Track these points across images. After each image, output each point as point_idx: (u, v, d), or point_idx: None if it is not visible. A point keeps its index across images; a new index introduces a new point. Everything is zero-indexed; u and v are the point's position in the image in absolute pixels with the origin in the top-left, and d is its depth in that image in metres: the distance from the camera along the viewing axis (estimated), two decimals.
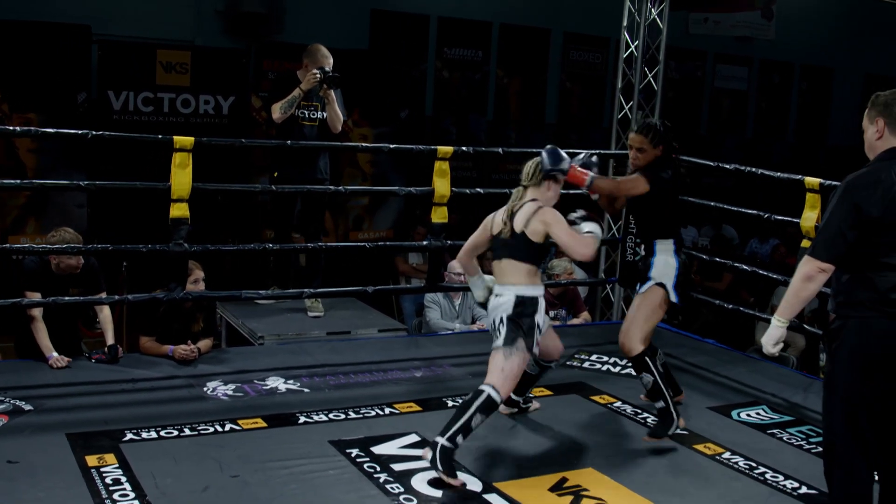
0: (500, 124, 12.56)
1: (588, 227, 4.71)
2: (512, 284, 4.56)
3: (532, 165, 4.74)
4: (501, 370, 4.48)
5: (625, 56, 8.03)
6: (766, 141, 15.15)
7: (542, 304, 4.58)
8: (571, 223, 4.71)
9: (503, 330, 4.51)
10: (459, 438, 4.31)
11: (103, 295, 5.79)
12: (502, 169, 12.02)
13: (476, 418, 4.37)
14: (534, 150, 9.67)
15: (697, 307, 9.03)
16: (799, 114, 15.61)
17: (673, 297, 5.11)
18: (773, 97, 15.36)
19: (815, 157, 15.21)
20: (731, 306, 6.83)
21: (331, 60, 6.46)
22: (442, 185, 6.28)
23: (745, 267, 6.79)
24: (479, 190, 6.76)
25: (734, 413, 5.48)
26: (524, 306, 4.52)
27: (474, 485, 4.28)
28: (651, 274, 5.14)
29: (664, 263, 5.12)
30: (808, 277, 3.68)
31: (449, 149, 6.33)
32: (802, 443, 5.10)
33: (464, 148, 6.58)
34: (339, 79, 6.40)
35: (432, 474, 4.32)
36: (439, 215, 6.35)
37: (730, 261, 7.42)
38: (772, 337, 3.92)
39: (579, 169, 4.88)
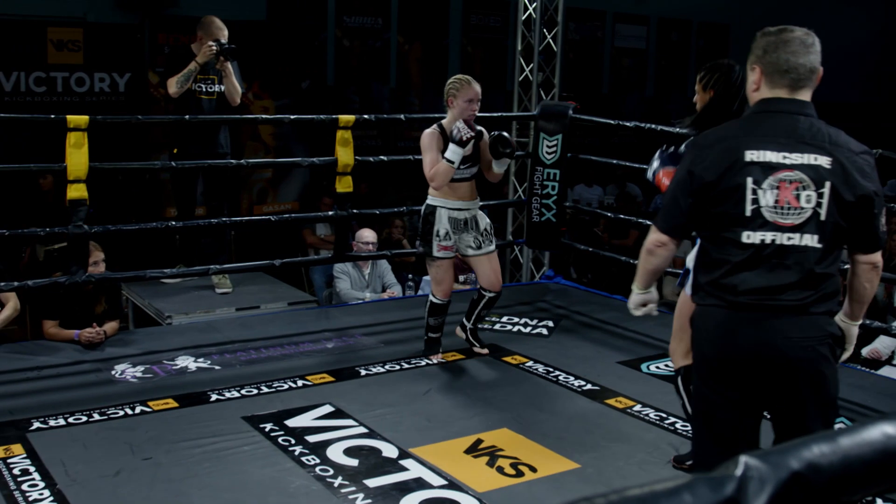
0: (403, 91, 12.51)
1: (449, 151, 5.13)
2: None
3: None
4: (432, 279, 5.48)
5: (523, 18, 8.05)
6: (667, 98, 15.36)
7: (444, 213, 5.31)
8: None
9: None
10: (431, 333, 5.59)
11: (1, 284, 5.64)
12: (407, 136, 11.99)
13: (430, 320, 5.53)
14: (437, 115, 9.69)
15: (607, 265, 9.16)
16: (697, 70, 15.81)
17: (689, 289, 4.01)
18: (672, 55, 15.56)
19: None
20: (636, 262, 6.92)
21: (226, 32, 6.36)
22: (345, 155, 6.24)
23: (649, 223, 6.88)
24: (382, 158, 6.72)
25: (643, 366, 5.58)
26: (425, 213, 5.35)
27: (390, 451, 4.29)
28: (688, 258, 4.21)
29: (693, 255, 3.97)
30: (648, 250, 3.17)
31: (350, 117, 6.29)
32: None
33: (366, 116, 6.55)
34: (235, 50, 6.30)
35: (347, 444, 4.34)
36: (344, 185, 6.31)
37: (634, 217, 7.53)
38: (632, 301, 3.43)
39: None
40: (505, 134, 5.26)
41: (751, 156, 2.90)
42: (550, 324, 6.38)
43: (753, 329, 2.89)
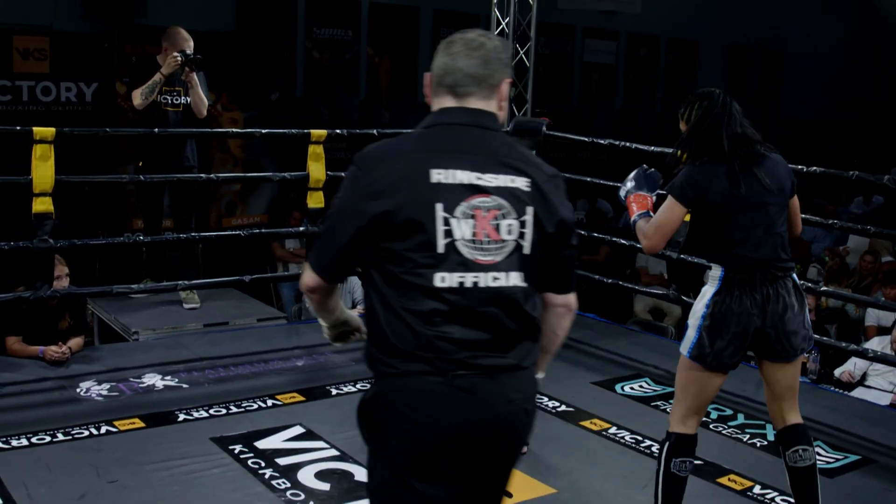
0: (373, 104, 12.43)
1: None
2: None
3: None
4: None
5: (496, 33, 8.00)
6: (636, 112, 15.39)
7: None
8: None
9: None
10: None
11: None
12: None
13: None
14: (409, 130, 9.55)
15: (577, 282, 9.10)
16: (666, 85, 15.88)
17: (684, 349, 3.63)
18: (641, 70, 15.59)
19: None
20: (608, 280, 6.88)
21: (191, 43, 6.26)
22: (317, 170, 6.16)
23: (622, 240, 6.84)
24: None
25: (618, 387, 5.54)
26: None
27: (363, 475, 4.20)
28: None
29: (699, 298, 3.67)
30: (307, 289, 2.52)
31: (322, 132, 6.21)
32: None
33: (338, 131, 6.47)
34: (201, 61, 6.20)
35: (319, 467, 4.26)
36: (315, 200, 6.22)
37: (606, 235, 7.48)
38: (327, 336, 2.79)
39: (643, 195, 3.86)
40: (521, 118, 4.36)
41: (437, 176, 2.32)
42: None
43: (469, 397, 2.30)
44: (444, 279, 2.30)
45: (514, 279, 2.36)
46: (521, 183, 2.38)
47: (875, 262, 8.68)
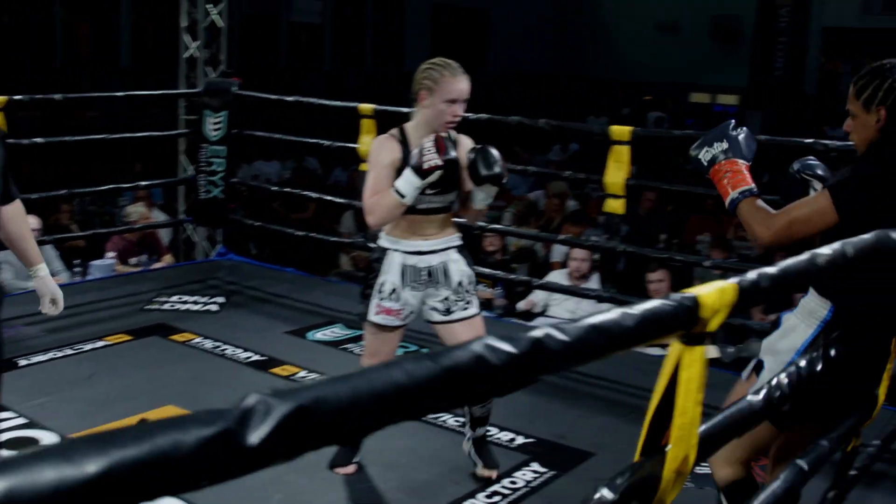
0: (71, 69, 12.06)
1: (402, 179, 3.44)
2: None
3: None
4: (365, 348, 3.93)
5: None
6: (345, 73, 15.63)
7: (395, 259, 3.65)
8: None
9: None
10: None
11: None
12: (79, 116, 11.60)
13: None
14: (105, 94, 9.40)
15: (286, 239, 9.26)
16: (374, 44, 16.20)
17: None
18: (348, 29, 15.83)
19: (391, 83, 15.93)
20: (313, 235, 7.09)
21: None
22: None
23: (327, 197, 7.04)
24: (37, 140, 6.47)
25: (309, 334, 5.75)
26: (373, 258, 3.76)
27: (50, 440, 4.23)
28: (763, 344, 2.80)
29: (786, 331, 2.71)
30: None
31: (2, 98, 6.01)
32: None
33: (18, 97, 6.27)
34: None
35: (5, 437, 4.23)
36: None
37: (314, 192, 7.76)
38: None
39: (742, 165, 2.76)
40: (490, 149, 3.53)
41: None
42: (221, 300, 6.41)
43: None
44: None
45: None
46: None
47: (561, 204, 9.29)
